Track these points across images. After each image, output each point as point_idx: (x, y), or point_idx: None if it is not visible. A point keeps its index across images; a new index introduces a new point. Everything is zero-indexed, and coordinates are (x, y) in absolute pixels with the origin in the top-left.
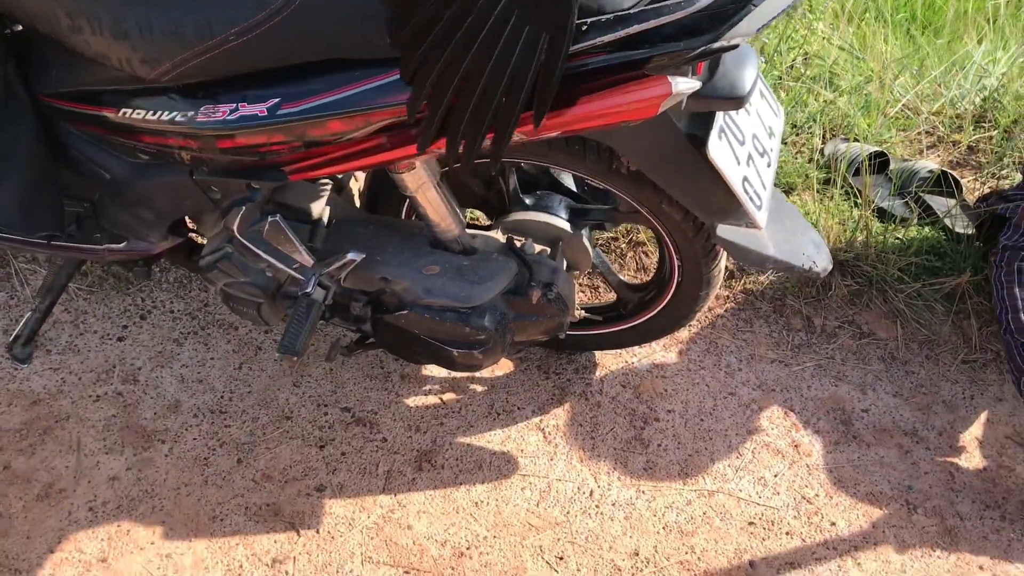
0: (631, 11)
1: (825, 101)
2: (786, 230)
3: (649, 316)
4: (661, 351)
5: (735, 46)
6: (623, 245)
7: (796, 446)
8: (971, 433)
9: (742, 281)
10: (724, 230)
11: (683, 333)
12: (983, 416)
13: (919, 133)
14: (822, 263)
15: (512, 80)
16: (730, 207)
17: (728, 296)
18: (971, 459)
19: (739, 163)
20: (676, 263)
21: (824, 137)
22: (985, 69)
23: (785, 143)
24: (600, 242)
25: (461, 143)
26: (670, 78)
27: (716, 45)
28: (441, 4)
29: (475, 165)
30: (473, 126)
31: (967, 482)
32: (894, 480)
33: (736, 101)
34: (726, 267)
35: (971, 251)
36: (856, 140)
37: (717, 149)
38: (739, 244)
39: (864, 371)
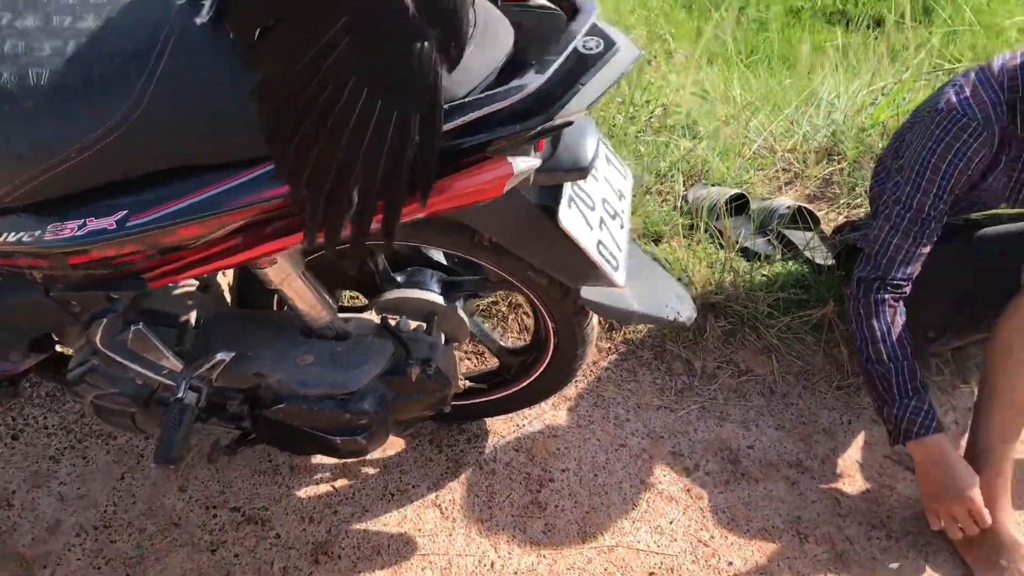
0: (466, 100)
1: (685, 149)
2: (649, 285)
3: (533, 378)
4: (551, 410)
5: (569, 123)
6: (504, 308)
7: (688, 490)
8: (851, 457)
9: (622, 332)
10: (588, 291)
11: (570, 390)
12: (861, 439)
13: (776, 171)
14: (686, 313)
15: (391, 163)
16: (589, 270)
17: (610, 348)
18: (854, 483)
19: (592, 228)
20: (551, 325)
21: (686, 184)
22: (832, 104)
23: (650, 192)
24: (481, 307)
25: (345, 229)
26: (511, 159)
27: (549, 125)
28: (310, 99)
29: (340, 251)
30: (358, 213)
31: (853, 506)
32: (784, 513)
33: (580, 172)
34: (600, 323)
35: (833, 281)
36: (716, 184)
37: (568, 217)
38: (604, 304)
39: (746, 408)
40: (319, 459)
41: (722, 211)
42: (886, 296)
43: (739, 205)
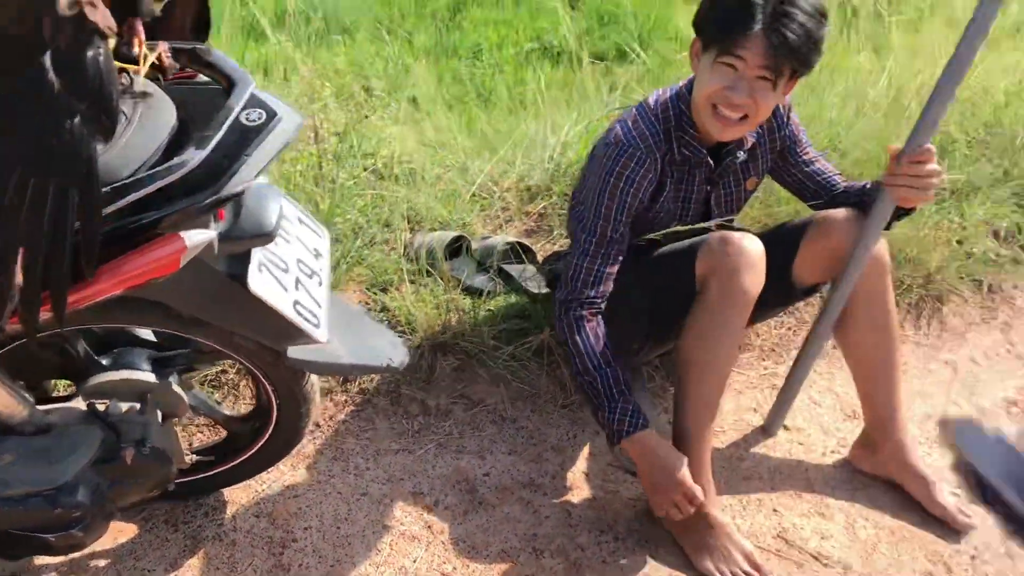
0: (130, 180)
1: (408, 198)
2: (360, 336)
3: (263, 443)
4: (289, 471)
5: (240, 193)
6: (234, 376)
7: (430, 527)
8: (579, 469)
9: (357, 383)
10: (295, 351)
11: (309, 447)
12: (587, 451)
13: (497, 210)
14: (399, 358)
15: (52, 244)
16: (289, 331)
17: (346, 400)
18: (582, 493)
19: (287, 290)
20: (269, 388)
21: (412, 231)
22: (544, 143)
23: (375, 243)
24: (210, 376)
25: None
26: (184, 233)
27: (216, 198)
28: None
29: (38, 337)
30: (24, 299)
31: (582, 515)
32: (521, 532)
33: (265, 237)
34: (332, 378)
35: (548, 308)
36: (439, 228)
37: (259, 282)
38: (314, 361)
39: (480, 438)
40: (42, 559)
41: (438, 255)
42: (583, 313)
43: (462, 246)
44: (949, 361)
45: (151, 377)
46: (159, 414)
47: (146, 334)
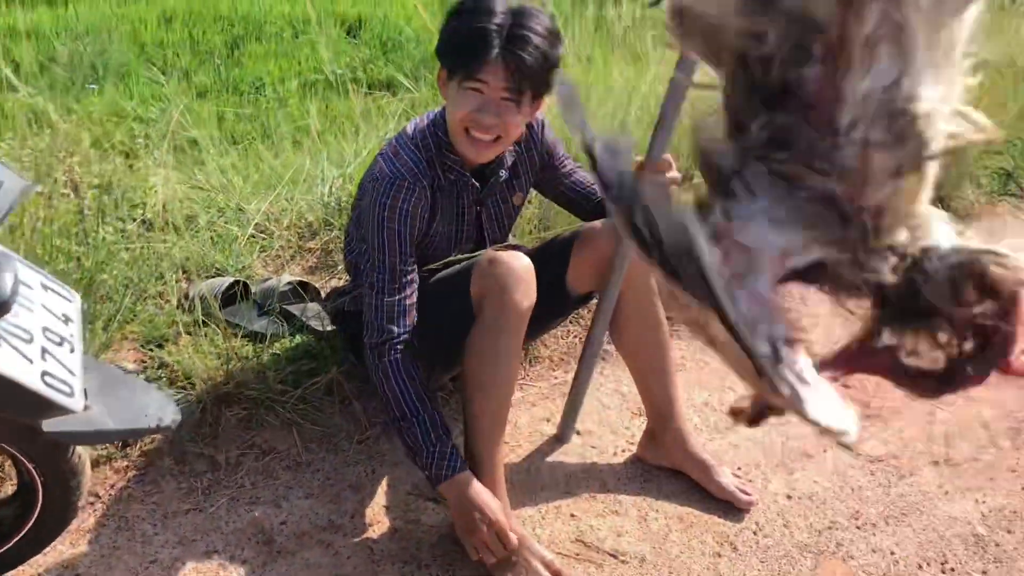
0: None
1: (182, 246)
2: (123, 399)
3: (32, 524)
4: (69, 549)
5: None
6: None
7: None
8: (378, 504)
9: (138, 446)
10: (52, 423)
11: (90, 520)
12: (385, 484)
13: (278, 250)
14: (170, 416)
15: None
16: (41, 404)
17: (128, 465)
18: (383, 527)
19: (32, 361)
20: (31, 466)
21: (188, 280)
22: (323, 178)
23: (148, 297)
24: None
25: None
26: None
27: None
28: None
29: None
30: None
31: (385, 549)
32: None
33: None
34: (109, 446)
35: (335, 344)
36: (215, 276)
37: None
38: (75, 431)
39: (275, 486)
40: None
41: (212, 302)
42: (396, 356)
43: (237, 292)
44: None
45: None
46: None
47: None
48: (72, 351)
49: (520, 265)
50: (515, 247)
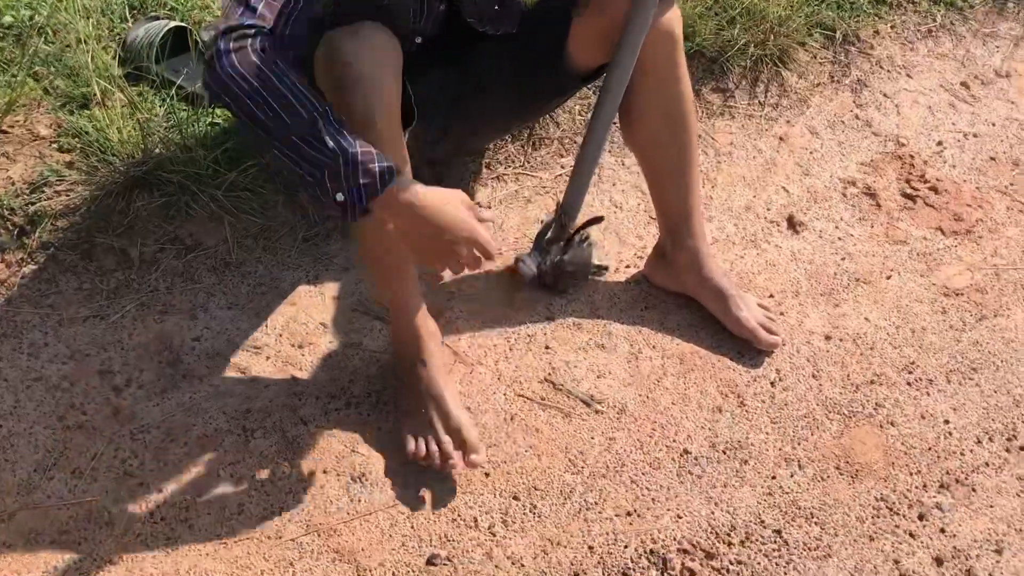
0: None
1: None
2: None
3: None
4: None
5: None
6: None
7: (116, 413)
8: (315, 320)
9: (37, 235)
10: None
11: None
12: (328, 296)
13: None
14: None
15: None
16: None
17: (24, 258)
18: (316, 350)
19: None
20: None
21: (130, 20)
22: None
23: (84, 41)
24: None
25: None
26: None
27: None
28: None
29: None
30: None
31: (311, 379)
32: (231, 410)
33: None
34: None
35: None
36: (163, 16)
37: None
38: None
39: (194, 292)
40: None
41: (145, 53)
42: (258, 46)
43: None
44: (784, 136)
45: None
46: None
47: None
48: None
49: (367, 44)
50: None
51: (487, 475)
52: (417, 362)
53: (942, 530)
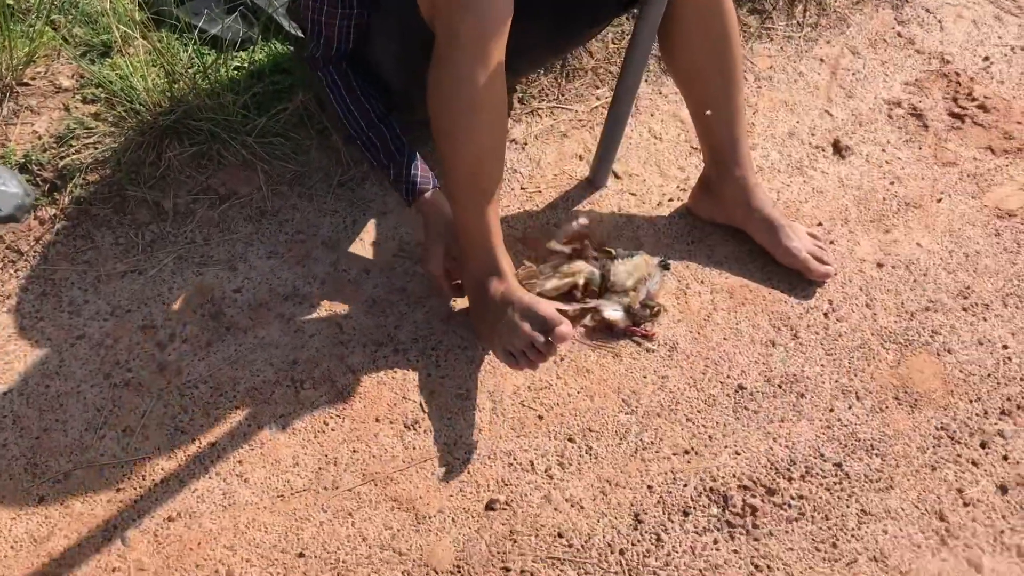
0: None
1: None
2: None
3: None
4: None
5: None
6: None
7: (162, 369)
8: (357, 266)
9: (68, 191)
10: None
11: (11, 283)
12: (368, 240)
13: None
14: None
15: None
16: None
17: (56, 215)
18: (359, 296)
19: None
20: None
21: None
22: None
23: None
24: None
25: None
26: None
27: None
28: None
29: None
30: None
31: (357, 327)
32: (278, 361)
33: None
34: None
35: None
36: None
37: None
38: None
39: (231, 242)
40: None
41: None
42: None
43: None
44: (826, 57)
45: None
46: None
47: None
48: None
49: None
50: None
51: (540, 418)
52: (493, 276)
53: (1005, 457)
